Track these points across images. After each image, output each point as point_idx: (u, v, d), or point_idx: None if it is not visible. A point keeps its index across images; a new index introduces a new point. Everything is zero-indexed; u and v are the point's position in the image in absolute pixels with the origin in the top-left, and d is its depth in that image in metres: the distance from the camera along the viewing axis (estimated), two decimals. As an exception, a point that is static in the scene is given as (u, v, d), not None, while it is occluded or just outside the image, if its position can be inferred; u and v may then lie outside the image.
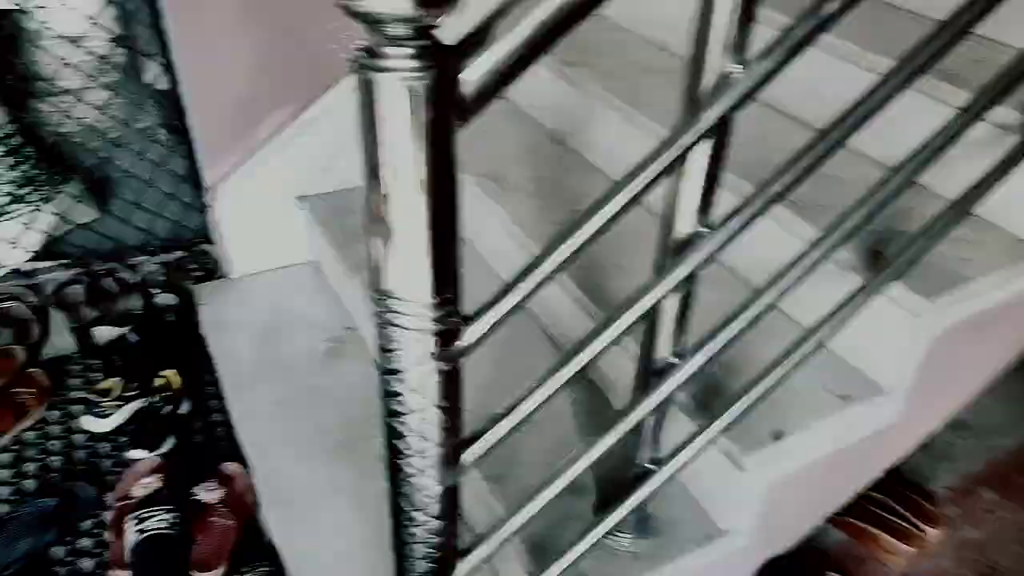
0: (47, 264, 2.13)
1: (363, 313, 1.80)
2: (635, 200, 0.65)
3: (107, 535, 1.46)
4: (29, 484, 1.58)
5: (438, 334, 0.61)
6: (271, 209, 1.96)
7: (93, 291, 2.02)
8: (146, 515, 1.39)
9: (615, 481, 1.04)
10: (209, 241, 2.22)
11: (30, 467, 1.61)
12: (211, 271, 2.14)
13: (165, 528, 1.38)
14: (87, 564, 1.44)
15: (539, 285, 0.63)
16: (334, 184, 1.99)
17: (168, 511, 1.41)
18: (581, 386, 1.40)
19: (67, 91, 2.28)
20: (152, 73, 2.01)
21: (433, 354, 0.62)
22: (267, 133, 1.86)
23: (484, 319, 0.63)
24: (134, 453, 1.61)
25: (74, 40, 1.92)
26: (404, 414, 0.68)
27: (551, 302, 1.45)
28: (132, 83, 2.53)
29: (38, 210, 2.03)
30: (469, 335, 0.63)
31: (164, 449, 1.63)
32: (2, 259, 2.02)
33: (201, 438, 1.70)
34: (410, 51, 0.49)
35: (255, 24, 1.69)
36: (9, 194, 1.98)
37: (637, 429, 0.90)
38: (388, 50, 0.50)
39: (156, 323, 1.88)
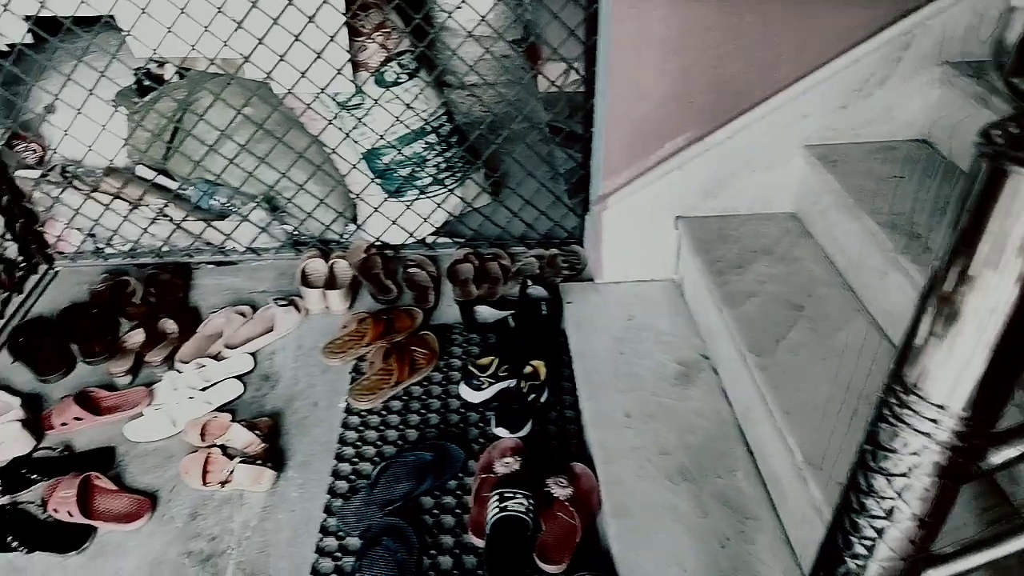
0: (445, 240, 2.42)
1: (721, 344, 1.77)
2: None
3: (469, 501, 1.62)
4: (411, 434, 1.81)
5: (955, 449, 0.55)
6: (648, 225, 2.00)
7: (479, 272, 2.25)
8: (508, 495, 1.51)
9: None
10: (580, 243, 2.35)
11: (413, 419, 1.84)
12: (578, 271, 2.26)
13: (522, 512, 1.49)
14: (448, 520, 1.60)
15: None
16: (714, 210, 1.98)
17: (526, 496, 1.52)
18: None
19: (475, 85, 2.55)
20: (560, 79, 2.17)
21: (941, 468, 0.56)
22: (664, 155, 1.90)
23: (1017, 444, 0.56)
24: (498, 430, 1.75)
25: (482, 38, 2.10)
26: (873, 515, 0.63)
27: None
28: (532, 86, 2.75)
29: (451, 192, 2.31)
30: (993, 458, 0.56)
31: (523, 433, 1.76)
32: (413, 231, 2.34)
33: (555, 429, 1.80)
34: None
35: (680, 54, 1.73)
36: (432, 176, 2.27)
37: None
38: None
39: (531, 313, 2.02)
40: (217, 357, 2.01)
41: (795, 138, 1.86)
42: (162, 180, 2.32)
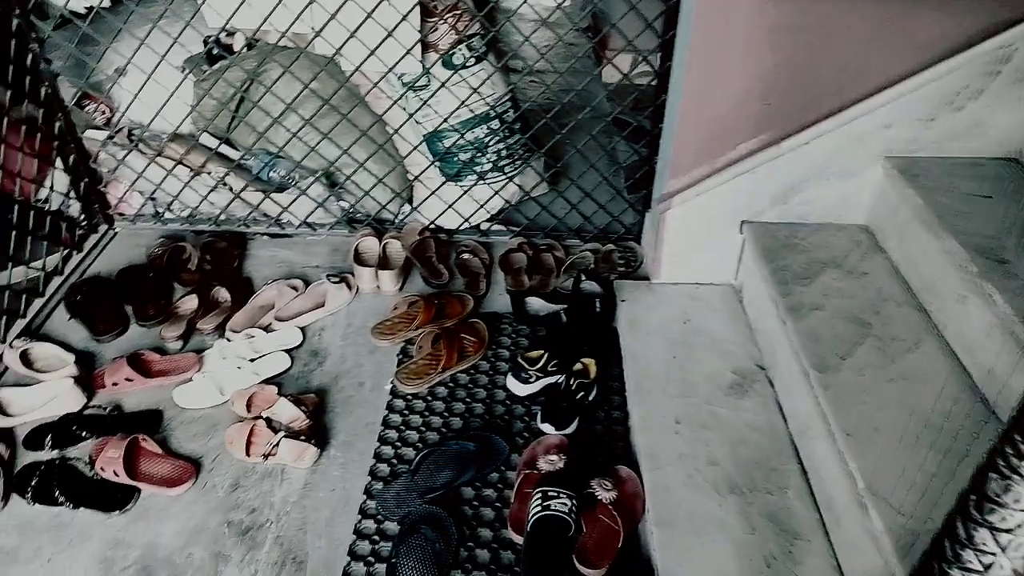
0: (499, 228, 2.38)
1: (780, 356, 1.71)
2: None
3: (510, 495, 1.59)
4: (455, 422, 1.78)
5: (1079, 509, 0.50)
6: (712, 227, 1.94)
7: (532, 263, 2.21)
8: (552, 494, 1.48)
9: None
10: (637, 240, 2.30)
11: (458, 407, 1.82)
12: (633, 269, 2.21)
13: (565, 512, 1.46)
14: (488, 513, 1.58)
15: None
16: (783, 216, 1.91)
17: (569, 497, 1.49)
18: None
19: (541, 72, 2.49)
20: (629, 72, 2.10)
21: (1059, 527, 0.51)
22: (736, 157, 1.83)
23: None
24: (544, 426, 1.72)
25: (548, 23, 2.02)
26: (969, 568, 0.58)
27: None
28: (599, 77, 2.66)
29: (510, 180, 2.27)
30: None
31: (569, 430, 1.72)
32: (468, 217, 2.31)
33: (601, 430, 1.76)
34: None
35: (762, 54, 1.66)
36: (492, 162, 2.24)
37: None
38: None
39: (584, 309, 1.98)
40: (267, 329, 2.02)
41: (875, 148, 1.78)
42: (225, 149, 2.33)
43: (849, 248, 1.84)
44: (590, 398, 1.79)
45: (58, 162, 2.25)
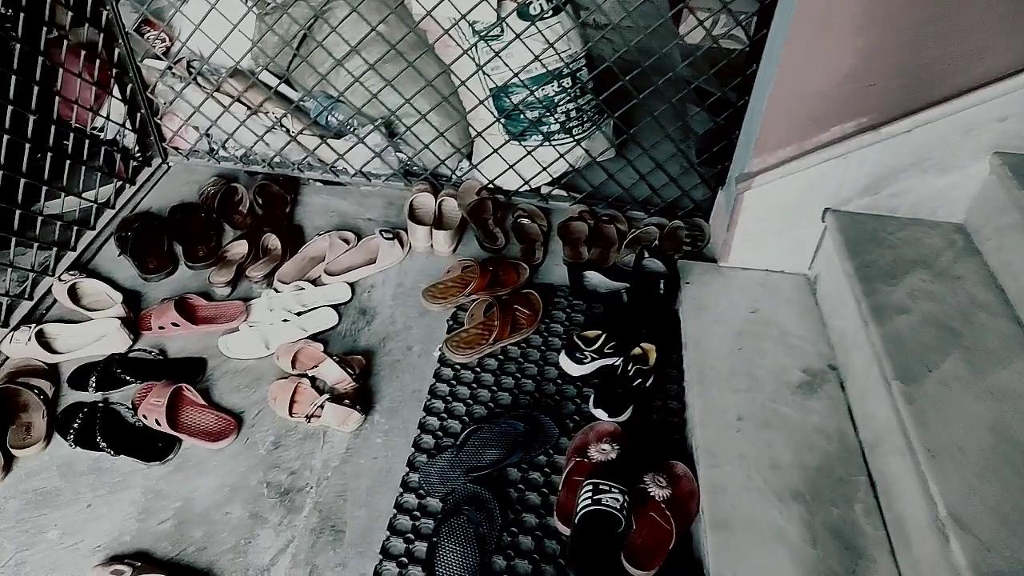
0: (560, 193, 2.27)
1: (856, 358, 1.59)
2: None
3: (558, 482, 1.52)
4: (503, 397, 1.71)
5: None
6: (793, 212, 1.81)
7: (592, 233, 2.10)
8: (604, 487, 1.40)
9: None
10: (705, 217, 2.17)
11: (507, 381, 1.74)
12: (698, 248, 2.09)
13: (616, 509, 1.38)
14: (533, 498, 1.51)
15: None
16: (871, 207, 1.77)
17: (622, 492, 1.41)
18: None
19: (617, 27, 2.33)
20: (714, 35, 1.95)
21: None
22: (829, 139, 1.69)
23: None
24: (596, 411, 1.64)
25: None
26: None
27: None
28: (674, 36, 2.48)
29: (577, 143, 2.15)
30: None
31: (622, 418, 1.64)
32: (529, 179, 2.20)
33: (656, 420, 1.67)
34: None
35: (871, 30, 1.51)
36: (560, 124, 2.12)
37: None
38: None
39: (647, 290, 1.87)
40: (316, 282, 1.96)
41: (983, 142, 1.62)
42: (284, 89, 2.24)
43: (942, 248, 1.70)
44: (647, 385, 1.70)
45: (115, 91, 2.19)
